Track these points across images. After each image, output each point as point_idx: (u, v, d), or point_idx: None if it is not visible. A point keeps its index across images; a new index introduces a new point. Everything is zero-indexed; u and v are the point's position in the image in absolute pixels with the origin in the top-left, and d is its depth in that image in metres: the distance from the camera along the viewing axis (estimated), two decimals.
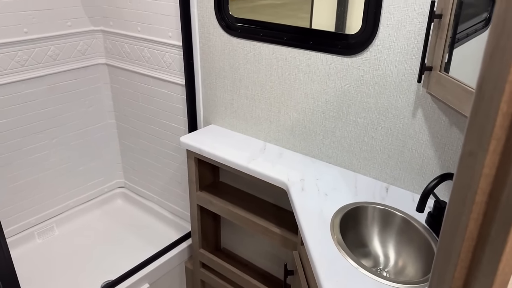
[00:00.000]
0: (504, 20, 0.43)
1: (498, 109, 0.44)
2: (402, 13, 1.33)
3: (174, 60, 2.15)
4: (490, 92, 0.45)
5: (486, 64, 0.46)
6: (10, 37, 2.06)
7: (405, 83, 1.40)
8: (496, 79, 0.45)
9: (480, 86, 0.47)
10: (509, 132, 0.45)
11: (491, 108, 0.45)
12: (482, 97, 0.47)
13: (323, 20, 1.64)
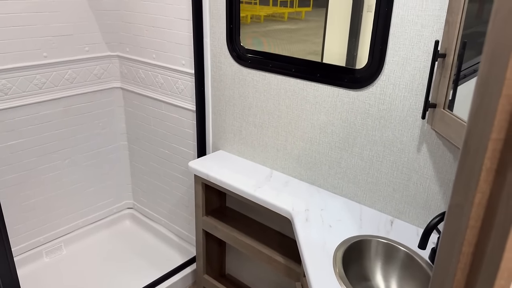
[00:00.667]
0: (487, 81, 0.45)
1: (482, 165, 0.46)
2: (407, 50, 1.37)
3: (186, 86, 2.21)
4: (475, 148, 0.47)
5: (471, 122, 0.48)
6: (30, 61, 2.15)
7: (410, 118, 1.42)
8: (480, 136, 0.47)
9: (466, 141, 0.49)
10: (493, 186, 0.47)
11: (475, 163, 0.47)
12: (468, 152, 0.49)
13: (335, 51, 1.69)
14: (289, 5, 1.75)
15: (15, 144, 2.21)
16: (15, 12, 2.04)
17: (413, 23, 1.33)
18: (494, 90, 0.44)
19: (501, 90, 0.43)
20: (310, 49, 1.75)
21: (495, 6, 0.44)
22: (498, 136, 0.45)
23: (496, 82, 0.44)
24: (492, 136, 0.45)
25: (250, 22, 1.90)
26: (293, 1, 1.74)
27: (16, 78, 2.11)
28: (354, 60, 1.60)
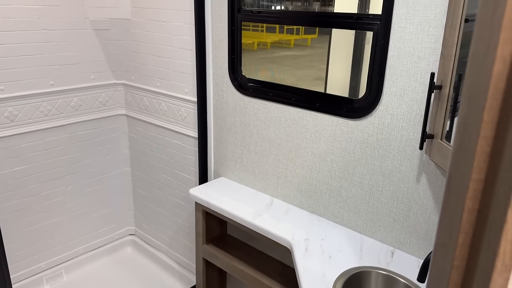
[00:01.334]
0: (466, 123, 0.46)
1: (464, 205, 0.46)
2: (404, 81, 1.38)
3: (189, 114, 2.24)
4: (457, 188, 0.48)
5: (452, 162, 0.48)
6: (37, 89, 2.20)
7: (409, 148, 1.42)
8: (461, 176, 0.47)
9: (448, 181, 0.49)
10: (475, 226, 0.47)
11: (458, 203, 0.48)
12: (450, 192, 0.49)
13: (338, 78, 1.71)
14: (295, 32, 1.79)
15: (20, 170, 2.23)
16: (25, 42, 2.10)
17: (409, 55, 1.35)
18: (472, 131, 0.45)
19: (479, 132, 0.44)
20: (316, 75, 1.78)
21: (471, 50, 0.45)
22: (478, 177, 0.45)
23: (474, 124, 0.44)
24: (473, 176, 0.45)
25: (257, 48, 1.94)
26: (299, 28, 1.78)
27: (23, 105, 2.16)
28: (356, 89, 1.62)
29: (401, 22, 1.34)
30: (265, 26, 1.86)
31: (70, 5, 2.24)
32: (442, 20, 1.26)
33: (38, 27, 2.14)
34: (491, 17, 0.41)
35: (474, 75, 0.45)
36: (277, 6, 1.82)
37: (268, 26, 1.85)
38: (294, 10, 1.72)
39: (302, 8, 1.77)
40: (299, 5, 1.78)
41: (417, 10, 1.30)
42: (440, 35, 1.27)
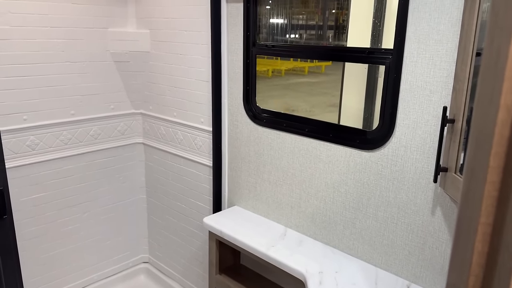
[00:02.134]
0: (473, 168, 0.47)
1: (474, 248, 0.47)
2: (417, 114, 1.39)
3: (204, 143, 2.28)
4: (466, 231, 0.48)
5: (462, 205, 0.49)
6: (59, 118, 2.28)
7: (423, 181, 1.42)
8: (470, 219, 0.48)
9: (458, 224, 0.50)
10: (485, 269, 0.47)
11: (467, 246, 0.48)
12: (460, 234, 0.50)
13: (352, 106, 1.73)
14: (309, 60, 1.83)
15: (38, 197, 2.28)
16: (49, 74, 2.20)
17: (421, 88, 1.37)
18: (480, 176, 0.46)
19: (486, 177, 0.45)
20: (330, 101, 1.81)
21: (476, 98, 0.47)
22: (486, 221, 0.46)
23: (481, 169, 0.46)
24: (481, 220, 0.46)
25: (272, 75, 1.98)
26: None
27: (44, 134, 2.23)
28: (370, 120, 1.64)
29: (412, 56, 1.37)
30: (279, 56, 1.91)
31: (92, 39, 2.34)
32: (453, 55, 1.28)
33: (62, 60, 2.24)
34: (494, 67, 0.43)
35: (479, 122, 0.46)
36: (291, 34, 1.87)
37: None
38: (307, 44, 1.77)
39: (316, 37, 1.82)
40: (313, 33, 1.82)
41: (428, 45, 1.32)
42: (451, 69, 1.29)
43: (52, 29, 2.17)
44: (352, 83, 1.82)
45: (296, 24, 1.86)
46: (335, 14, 1.73)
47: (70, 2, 2.21)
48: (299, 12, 1.84)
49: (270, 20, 1.90)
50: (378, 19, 1.57)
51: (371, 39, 1.60)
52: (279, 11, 1.87)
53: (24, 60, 2.09)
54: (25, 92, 2.13)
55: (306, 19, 1.84)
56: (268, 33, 1.91)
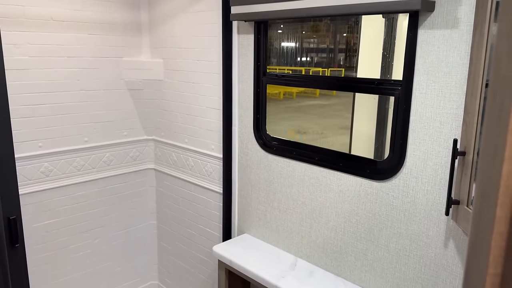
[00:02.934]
0: (480, 218, 0.47)
1: None
2: (427, 145, 1.39)
3: (215, 170, 2.29)
4: (474, 282, 0.48)
5: (469, 255, 0.49)
6: (73, 145, 2.33)
7: (435, 213, 1.40)
8: (478, 269, 0.47)
9: (466, 273, 0.49)
10: None
11: None
12: (469, 284, 0.49)
13: (363, 132, 1.73)
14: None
15: (50, 223, 2.31)
16: (64, 102, 2.25)
17: (432, 120, 1.36)
18: (487, 226, 0.45)
19: (493, 227, 0.44)
20: (342, 124, 1.81)
21: (481, 149, 0.47)
22: (495, 271, 0.45)
23: (488, 219, 0.45)
24: (489, 271, 0.45)
25: (283, 98, 2.00)
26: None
27: (58, 161, 2.27)
28: (382, 149, 1.63)
29: (422, 88, 1.37)
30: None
31: (107, 68, 2.40)
32: (463, 87, 1.28)
33: (77, 88, 2.30)
34: (497, 120, 0.44)
35: (485, 173, 0.46)
36: (302, 58, 1.89)
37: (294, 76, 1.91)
38: (317, 74, 1.79)
39: (327, 60, 1.84)
40: (324, 56, 1.84)
41: (438, 77, 1.33)
42: (461, 101, 1.29)
43: (69, 59, 2.24)
44: (363, 112, 1.82)
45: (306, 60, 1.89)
46: (345, 47, 1.76)
47: (87, 32, 2.28)
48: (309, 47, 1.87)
49: (281, 48, 1.93)
50: (388, 50, 1.59)
51: (381, 70, 1.61)
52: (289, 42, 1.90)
53: (40, 88, 2.16)
54: (40, 119, 2.18)
55: (316, 49, 1.86)
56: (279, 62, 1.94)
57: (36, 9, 2.08)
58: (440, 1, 1.28)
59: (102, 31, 2.34)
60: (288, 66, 1.98)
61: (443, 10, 1.28)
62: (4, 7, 1.98)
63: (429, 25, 1.32)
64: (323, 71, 1.88)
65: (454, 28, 1.27)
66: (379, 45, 1.64)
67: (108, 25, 2.36)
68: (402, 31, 1.78)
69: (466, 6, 1.23)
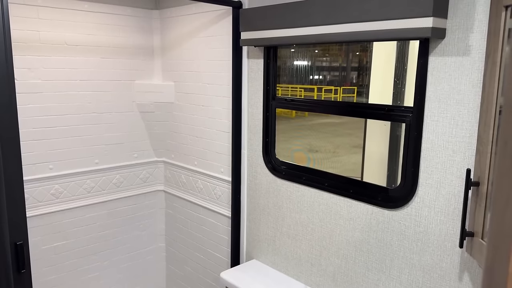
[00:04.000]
0: (492, 273, 0.44)
1: None
2: (440, 174, 1.35)
3: (224, 193, 2.27)
4: None
5: None
6: (83, 167, 2.34)
7: (449, 244, 1.35)
8: None
9: None
10: None
11: None
12: None
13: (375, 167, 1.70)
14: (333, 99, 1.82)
15: (60, 245, 2.30)
16: (76, 125, 2.28)
17: (444, 148, 1.33)
18: (500, 283, 0.43)
19: (506, 284, 0.41)
20: (354, 142, 1.78)
21: (492, 199, 0.44)
22: None
23: (501, 275, 0.42)
24: None
25: (295, 116, 1.99)
26: (337, 97, 1.82)
27: (68, 183, 2.28)
28: (394, 176, 1.60)
29: (433, 115, 1.34)
30: (303, 95, 1.92)
31: (119, 91, 2.43)
32: (475, 116, 1.25)
33: (89, 111, 2.32)
34: (509, 170, 0.41)
35: (496, 225, 0.44)
36: (315, 76, 1.88)
37: (306, 94, 1.90)
38: (327, 100, 1.78)
39: (339, 78, 1.82)
40: (336, 74, 1.83)
41: (449, 105, 1.30)
42: (474, 130, 1.25)
43: (81, 82, 2.27)
44: (375, 133, 1.80)
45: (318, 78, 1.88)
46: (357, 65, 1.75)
47: (100, 56, 2.32)
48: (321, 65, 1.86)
49: (292, 67, 1.93)
50: (399, 75, 1.57)
51: (393, 95, 1.59)
52: (301, 60, 1.90)
53: (52, 111, 2.19)
54: (52, 142, 2.21)
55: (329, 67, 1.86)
56: (290, 80, 1.94)
57: (51, 34, 2.13)
58: (451, 28, 1.27)
59: (115, 55, 2.38)
60: (300, 84, 1.97)
61: (454, 37, 1.26)
62: (20, 32, 2.03)
63: (440, 52, 1.30)
64: (335, 89, 1.87)
65: (466, 55, 1.24)
66: (391, 67, 1.63)
67: (121, 49, 2.40)
68: (414, 53, 1.77)
69: (477, 34, 1.21)
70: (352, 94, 1.78)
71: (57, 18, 2.13)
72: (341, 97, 1.85)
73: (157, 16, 2.53)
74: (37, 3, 2.05)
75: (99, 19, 2.28)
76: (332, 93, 1.89)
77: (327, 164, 1.87)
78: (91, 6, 2.24)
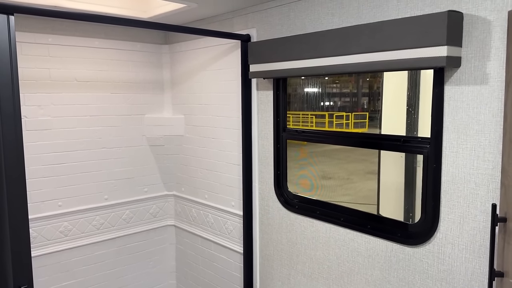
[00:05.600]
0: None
1: None
2: (462, 209, 1.27)
3: (235, 228, 2.20)
4: None
5: None
6: (92, 203, 2.30)
7: (476, 284, 1.25)
8: None
9: None
10: None
11: None
12: None
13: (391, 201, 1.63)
14: (344, 126, 1.78)
15: (68, 284, 2.24)
16: (85, 160, 2.26)
17: (465, 181, 1.26)
18: None
19: None
20: (368, 168, 1.72)
21: None
22: None
23: None
24: None
25: (307, 143, 1.93)
26: (348, 123, 1.77)
27: (77, 220, 2.25)
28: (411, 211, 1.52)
29: (452, 146, 1.28)
30: (315, 122, 1.88)
31: (129, 125, 2.42)
32: (498, 146, 1.18)
33: (99, 146, 2.31)
34: None
35: None
36: (326, 103, 1.84)
37: (317, 121, 1.86)
38: (340, 130, 1.73)
39: (351, 104, 1.78)
40: (347, 100, 1.79)
41: (469, 135, 1.24)
42: (497, 161, 1.18)
43: (91, 118, 2.27)
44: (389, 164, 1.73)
45: (329, 104, 1.84)
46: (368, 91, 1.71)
47: (110, 91, 2.33)
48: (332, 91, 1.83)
49: (303, 94, 1.89)
50: (412, 105, 1.52)
51: (406, 127, 1.54)
52: (312, 87, 1.87)
53: (61, 148, 2.18)
54: (61, 179, 2.18)
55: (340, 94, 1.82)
56: (301, 107, 1.90)
57: (61, 71, 2.14)
58: (466, 56, 1.22)
59: (125, 90, 2.39)
60: (311, 111, 1.94)
61: (470, 65, 1.22)
62: (30, 70, 2.04)
63: (455, 81, 1.25)
64: (346, 115, 1.83)
65: (484, 84, 1.19)
66: (403, 94, 1.58)
67: (131, 83, 2.41)
68: (426, 80, 1.72)
69: (495, 62, 1.16)
70: (364, 119, 1.74)
71: (67, 55, 2.15)
72: (353, 123, 1.80)
73: (166, 51, 2.55)
74: (48, 41, 2.08)
75: (109, 55, 2.30)
76: (343, 119, 1.85)
77: (341, 191, 1.81)
78: (101, 42, 2.26)
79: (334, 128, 1.60)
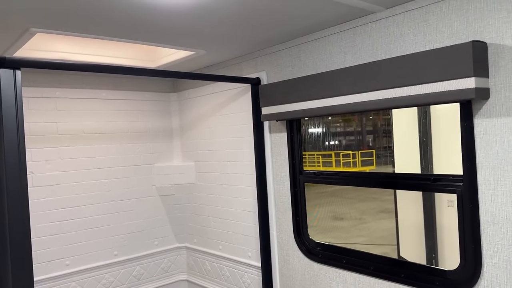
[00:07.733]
0: None
1: None
2: (508, 252, 1.15)
3: (253, 281, 2.06)
4: None
5: None
6: (101, 260, 2.19)
7: None
8: None
9: None
10: None
11: None
12: None
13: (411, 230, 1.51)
14: (352, 165, 1.69)
15: None
16: (94, 215, 2.17)
17: (508, 220, 1.15)
18: None
19: None
20: (380, 207, 1.61)
21: None
22: None
23: None
24: None
25: (315, 184, 1.84)
26: (355, 161, 1.69)
27: (86, 279, 2.12)
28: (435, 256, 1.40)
29: (489, 183, 1.18)
30: (321, 161, 1.80)
31: (138, 175, 2.35)
32: None
33: (108, 199, 2.23)
34: None
35: None
36: (331, 142, 1.77)
37: (324, 160, 1.78)
38: (360, 171, 1.64)
39: (356, 142, 1.71)
40: (352, 138, 1.72)
41: (506, 171, 1.14)
42: None
43: (99, 170, 2.20)
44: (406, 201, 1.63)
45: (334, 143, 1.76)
46: (372, 136, 1.64)
47: (118, 142, 2.28)
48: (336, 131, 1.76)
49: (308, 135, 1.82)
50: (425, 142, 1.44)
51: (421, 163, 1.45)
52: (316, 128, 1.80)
53: (69, 203, 2.09)
54: (68, 236, 2.08)
55: (344, 132, 1.75)
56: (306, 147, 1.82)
57: (69, 124, 2.11)
58: (495, 87, 1.15)
59: (134, 140, 2.34)
60: (317, 151, 1.87)
61: (500, 96, 1.14)
62: (37, 125, 2.01)
63: (486, 113, 1.18)
64: (353, 153, 1.76)
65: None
66: (414, 132, 1.51)
67: (140, 133, 2.36)
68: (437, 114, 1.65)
69: None
70: (371, 157, 1.66)
71: (75, 108, 2.12)
72: (360, 161, 1.72)
73: (175, 99, 2.52)
74: (56, 95, 2.06)
75: (117, 105, 2.27)
76: (350, 158, 1.78)
77: (355, 232, 1.70)
78: (109, 94, 2.24)
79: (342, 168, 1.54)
